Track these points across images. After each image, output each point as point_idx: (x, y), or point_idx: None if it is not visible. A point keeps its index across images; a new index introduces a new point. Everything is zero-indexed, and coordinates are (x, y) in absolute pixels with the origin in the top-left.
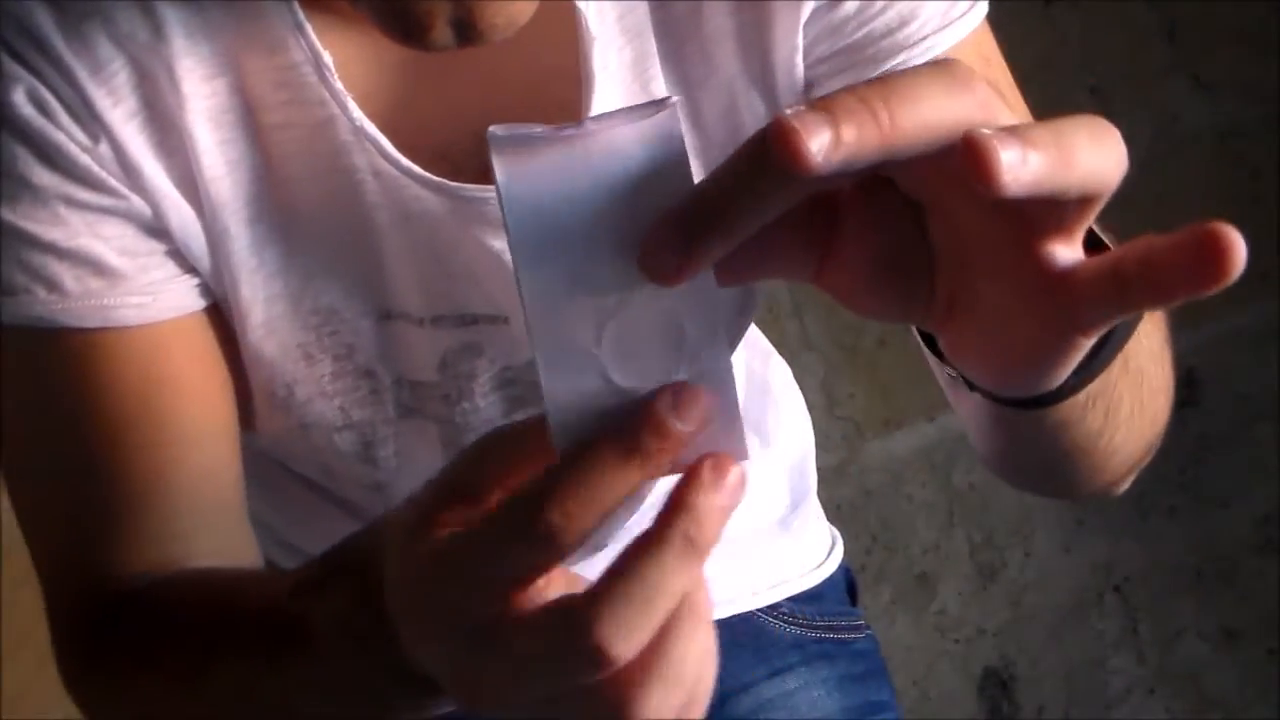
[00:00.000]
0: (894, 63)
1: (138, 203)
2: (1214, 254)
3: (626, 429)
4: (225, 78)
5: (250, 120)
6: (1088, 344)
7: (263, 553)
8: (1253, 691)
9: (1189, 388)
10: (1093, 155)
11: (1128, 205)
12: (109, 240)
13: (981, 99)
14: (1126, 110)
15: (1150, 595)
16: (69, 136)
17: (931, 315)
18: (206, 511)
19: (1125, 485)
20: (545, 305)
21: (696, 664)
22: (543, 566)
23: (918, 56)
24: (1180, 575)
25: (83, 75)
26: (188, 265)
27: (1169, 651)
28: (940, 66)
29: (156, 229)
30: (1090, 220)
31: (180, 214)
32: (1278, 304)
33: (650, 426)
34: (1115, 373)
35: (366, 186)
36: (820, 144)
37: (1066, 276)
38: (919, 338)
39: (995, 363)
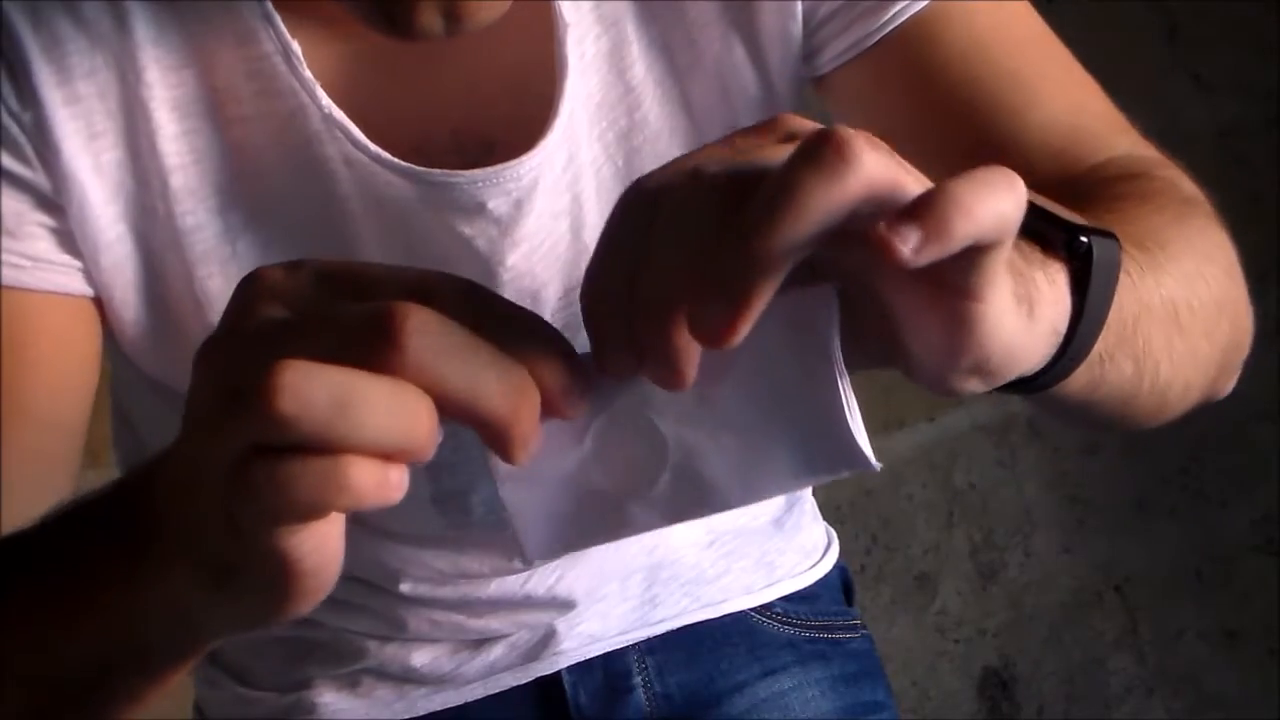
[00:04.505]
0: (894, 9)
1: (42, 178)
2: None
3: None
4: (193, 68)
5: (218, 112)
6: (985, 307)
7: None
8: (1253, 691)
9: None
10: (994, 206)
11: None
12: (4, 200)
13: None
14: (1126, 110)
15: (1150, 595)
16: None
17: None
18: (18, 507)
19: (1225, 392)
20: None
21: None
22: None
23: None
24: (1180, 575)
25: (33, 49)
26: (74, 249)
27: (1169, 651)
28: (818, 164)
29: (53, 206)
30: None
31: (84, 208)
32: (1278, 304)
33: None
34: (1129, 319)
35: (338, 175)
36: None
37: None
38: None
39: (933, 365)
